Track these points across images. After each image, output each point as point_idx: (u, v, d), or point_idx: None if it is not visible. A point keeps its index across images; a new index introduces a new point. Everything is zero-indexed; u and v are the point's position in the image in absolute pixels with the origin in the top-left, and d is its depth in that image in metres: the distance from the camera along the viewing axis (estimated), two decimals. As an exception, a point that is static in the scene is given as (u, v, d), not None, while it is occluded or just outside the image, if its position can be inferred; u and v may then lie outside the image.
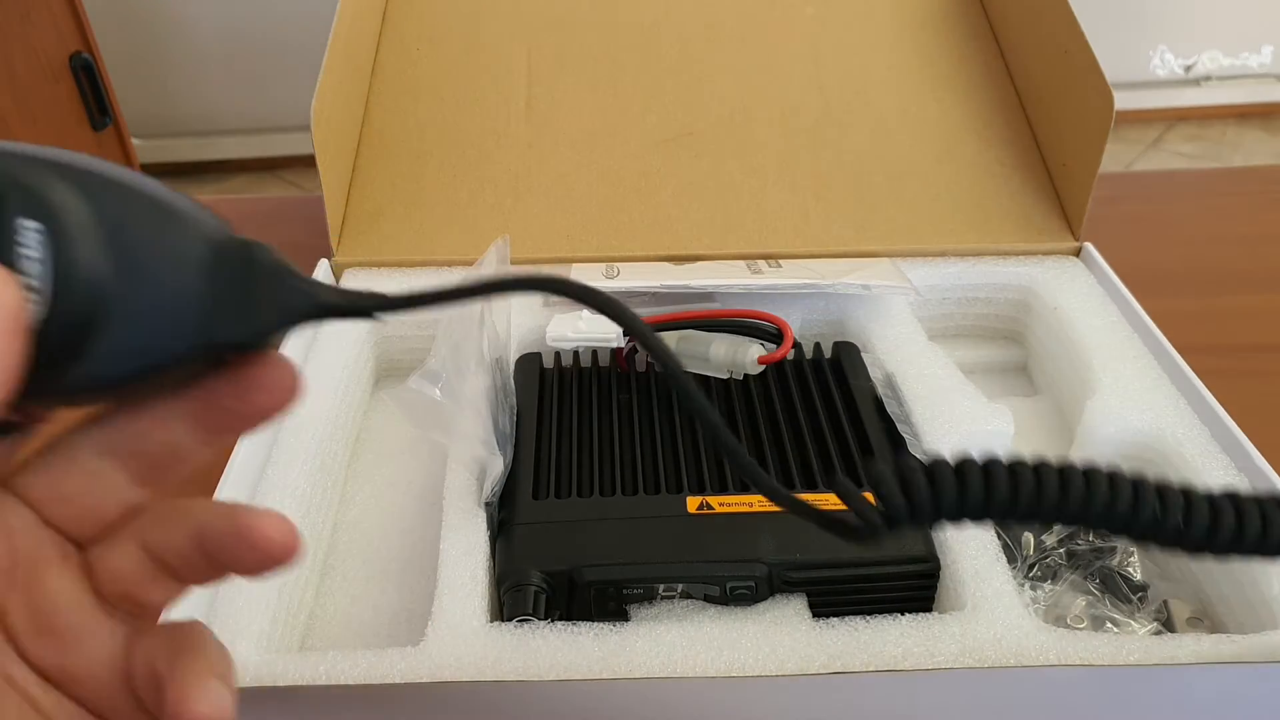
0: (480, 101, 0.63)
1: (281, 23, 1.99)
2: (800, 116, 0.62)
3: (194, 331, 0.21)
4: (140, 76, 2.02)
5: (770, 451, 0.42)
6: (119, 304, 0.19)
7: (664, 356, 0.22)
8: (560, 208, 0.58)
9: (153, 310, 0.20)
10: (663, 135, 0.61)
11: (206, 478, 0.40)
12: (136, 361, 0.20)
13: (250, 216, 0.69)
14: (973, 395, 0.45)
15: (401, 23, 0.67)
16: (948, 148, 0.60)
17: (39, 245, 0.19)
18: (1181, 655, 0.34)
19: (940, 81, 0.64)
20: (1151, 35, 2.16)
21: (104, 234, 0.19)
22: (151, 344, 0.20)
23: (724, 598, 0.37)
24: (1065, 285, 0.53)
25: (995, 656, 0.34)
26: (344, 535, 0.44)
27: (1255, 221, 0.66)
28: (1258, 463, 0.41)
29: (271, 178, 2.17)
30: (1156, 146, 2.21)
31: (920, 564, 0.37)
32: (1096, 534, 0.42)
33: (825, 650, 0.35)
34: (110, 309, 0.19)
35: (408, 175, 0.59)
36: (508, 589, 0.36)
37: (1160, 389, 0.46)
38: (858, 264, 0.53)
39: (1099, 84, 0.52)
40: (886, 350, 0.48)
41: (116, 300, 0.19)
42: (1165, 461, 0.43)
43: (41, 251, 0.19)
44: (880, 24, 0.67)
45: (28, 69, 1.52)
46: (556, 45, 0.66)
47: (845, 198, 0.58)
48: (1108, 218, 0.56)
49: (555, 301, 0.51)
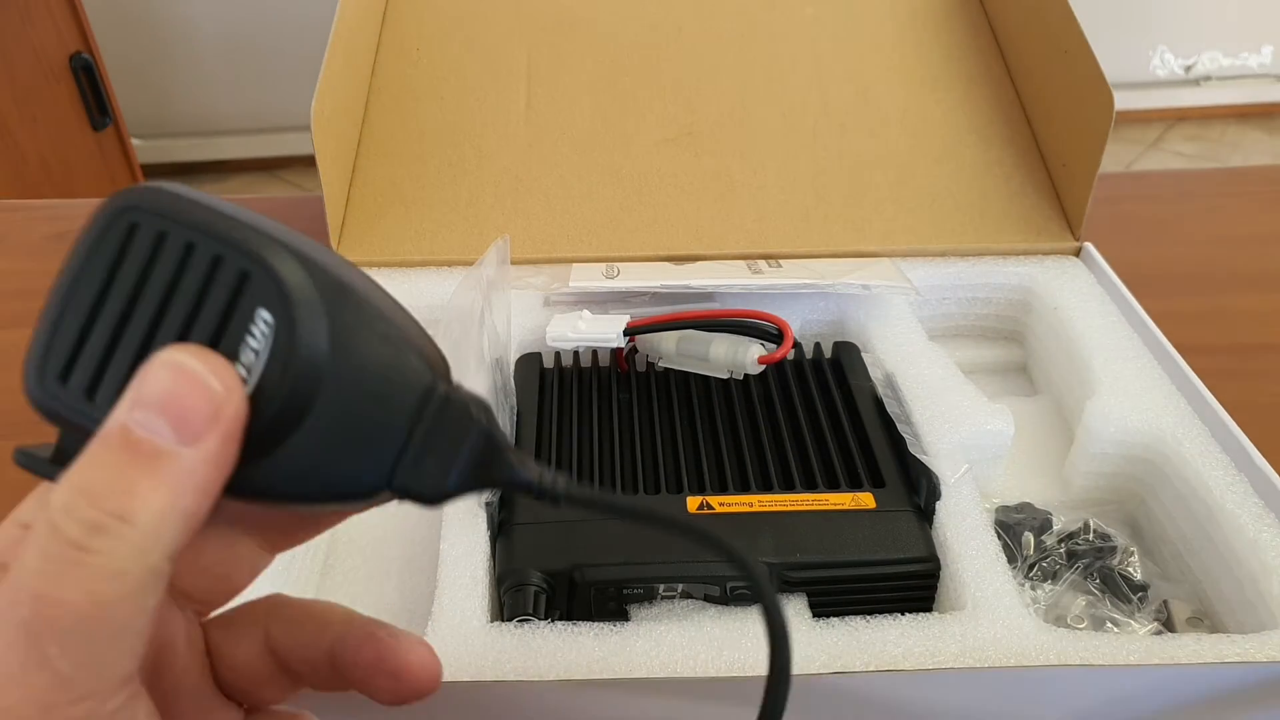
0: (480, 102, 0.63)
1: (281, 23, 1.99)
2: (800, 116, 0.62)
3: (382, 470, 0.19)
4: (140, 76, 2.02)
5: (770, 451, 0.42)
6: (316, 424, 0.18)
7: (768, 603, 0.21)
8: (560, 208, 0.58)
9: (348, 439, 0.19)
10: (663, 135, 0.61)
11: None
12: (309, 483, 0.19)
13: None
14: (973, 395, 0.45)
15: (401, 23, 0.67)
16: (948, 148, 0.60)
17: (264, 340, 0.18)
18: (1181, 655, 0.34)
19: (940, 81, 0.64)
20: (1151, 35, 2.16)
21: (328, 349, 0.18)
22: (333, 471, 0.19)
23: (724, 598, 0.37)
24: (1065, 285, 0.53)
25: (995, 656, 0.34)
26: (344, 535, 0.44)
27: (1255, 221, 0.66)
28: (1258, 463, 0.41)
29: (271, 178, 2.17)
30: (1156, 146, 2.21)
31: (920, 564, 0.37)
32: (1097, 534, 0.42)
33: (825, 650, 0.35)
34: (304, 426, 0.18)
35: (408, 175, 0.59)
36: (508, 589, 0.36)
37: (1160, 389, 0.46)
38: (858, 264, 0.53)
39: (1099, 84, 0.52)
40: (886, 350, 0.48)
41: (315, 420, 0.18)
42: (1165, 461, 0.43)
43: (264, 347, 0.18)
44: (880, 24, 0.67)
45: (28, 69, 1.52)
46: (556, 45, 0.66)
47: (845, 198, 0.58)
48: (1108, 218, 0.56)
49: (555, 301, 0.51)
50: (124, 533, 0.17)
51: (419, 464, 0.19)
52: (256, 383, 0.18)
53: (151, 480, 0.17)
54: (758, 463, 0.42)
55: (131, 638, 0.17)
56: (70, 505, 0.17)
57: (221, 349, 0.18)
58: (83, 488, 0.17)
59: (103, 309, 0.18)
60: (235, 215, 0.19)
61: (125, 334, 0.18)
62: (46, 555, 0.17)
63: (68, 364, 0.19)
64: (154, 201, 0.18)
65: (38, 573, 0.17)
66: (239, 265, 0.18)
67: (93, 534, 0.16)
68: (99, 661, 0.17)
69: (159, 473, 0.17)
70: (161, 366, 0.17)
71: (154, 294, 0.18)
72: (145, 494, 0.17)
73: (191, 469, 0.17)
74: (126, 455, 0.17)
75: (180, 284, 0.18)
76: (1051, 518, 0.43)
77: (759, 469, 0.42)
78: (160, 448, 0.17)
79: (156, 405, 0.17)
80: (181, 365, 0.17)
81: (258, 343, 0.18)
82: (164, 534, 0.17)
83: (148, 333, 0.18)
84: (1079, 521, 0.43)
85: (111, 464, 0.17)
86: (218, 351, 0.18)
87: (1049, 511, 0.43)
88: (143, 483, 0.17)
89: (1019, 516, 0.43)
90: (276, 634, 0.22)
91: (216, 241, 0.18)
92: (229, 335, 0.18)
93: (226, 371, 0.18)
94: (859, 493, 0.40)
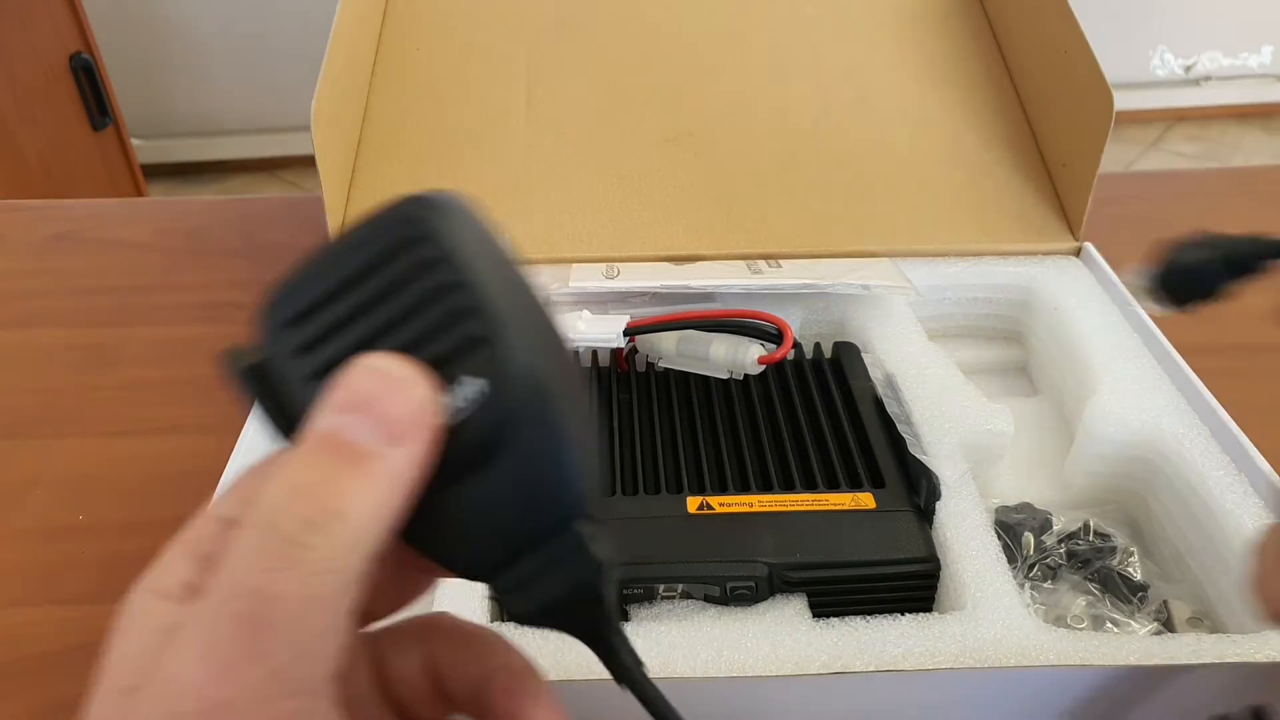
0: (480, 102, 0.63)
1: (281, 23, 1.99)
2: (800, 116, 0.62)
3: (490, 565, 0.20)
4: (140, 76, 2.03)
5: (770, 452, 0.42)
6: (465, 491, 0.19)
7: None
8: (560, 208, 0.58)
9: (474, 524, 0.19)
10: (663, 135, 0.61)
11: (208, 473, 0.40)
12: (435, 538, 0.20)
13: (250, 216, 0.69)
14: (973, 395, 0.45)
15: (401, 23, 0.67)
16: (948, 148, 0.60)
17: (466, 403, 0.18)
18: (1181, 655, 0.34)
19: (940, 81, 0.64)
20: (1151, 35, 2.16)
21: (511, 442, 0.19)
22: (455, 547, 0.20)
23: (724, 598, 0.37)
24: (1065, 285, 0.53)
25: (995, 656, 0.34)
26: (344, 535, 0.44)
27: (1255, 221, 0.66)
28: (1258, 463, 0.41)
29: (271, 178, 2.17)
30: (1156, 146, 2.21)
31: (920, 564, 0.37)
32: (1097, 534, 0.42)
33: (825, 650, 0.35)
34: (453, 490, 0.19)
35: (408, 175, 0.59)
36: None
37: (1160, 389, 0.46)
38: (858, 264, 0.53)
39: (1099, 84, 0.52)
40: (886, 350, 0.48)
41: (466, 488, 0.19)
42: (1165, 461, 0.43)
43: (464, 407, 0.18)
44: (880, 24, 0.67)
45: (28, 69, 1.52)
46: (556, 45, 0.66)
47: (845, 198, 0.58)
48: (1108, 218, 0.56)
49: (555, 301, 0.51)
50: (338, 529, 0.17)
51: (525, 581, 0.20)
52: (447, 427, 0.19)
53: (361, 480, 0.18)
54: (758, 463, 0.42)
55: (337, 636, 0.18)
56: (286, 503, 0.17)
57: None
58: (297, 487, 0.18)
59: (351, 291, 0.19)
60: (507, 277, 0.20)
61: (356, 323, 0.19)
62: (264, 550, 0.17)
63: (298, 316, 0.19)
64: (445, 227, 0.19)
65: (255, 568, 0.17)
66: (481, 330, 0.19)
67: (308, 530, 0.17)
68: (309, 657, 0.17)
69: (368, 472, 0.18)
70: (370, 370, 0.18)
71: (397, 307, 0.19)
72: (356, 492, 0.17)
73: (397, 469, 0.18)
74: (338, 456, 0.18)
75: (422, 312, 0.19)
76: (1051, 518, 0.43)
77: (759, 469, 0.42)
78: (369, 448, 0.18)
79: (363, 407, 0.18)
80: (389, 371, 0.18)
81: (458, 401, 0.18)
82: (373, 531, 0.18)
83: (374, 334, 0.19)
84: (1079, 521, 0.43)
85: (325, 464, 0.18)
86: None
87: (1049, 511, 0.43)
88: (353, 482, 0.17)
89: (1019, 516, 0.43)
90: (436, 653, 0.23)
91: (474, 298, 0.19)
92: (441, 368, 0.19)
93: (425, 381, 0.18)
94: (859, 493, 0.40)
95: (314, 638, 0.17)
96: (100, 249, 0.67)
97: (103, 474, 0.49)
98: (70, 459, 0.50)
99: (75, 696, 0.40)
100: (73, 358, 0.57)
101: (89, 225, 0.69)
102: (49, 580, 0.44)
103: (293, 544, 0.17)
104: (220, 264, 0.64)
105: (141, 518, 0.47)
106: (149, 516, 0.47)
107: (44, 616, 0.42)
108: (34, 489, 0.49)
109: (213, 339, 0.58)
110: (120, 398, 0.54)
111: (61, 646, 0.41)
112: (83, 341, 0.58)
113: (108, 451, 0.51)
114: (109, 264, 0.65)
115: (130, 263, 0.65)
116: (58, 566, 0.45)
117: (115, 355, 0.57)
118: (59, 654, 0.41)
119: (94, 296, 0.62)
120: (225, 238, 0.67)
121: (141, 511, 0.47)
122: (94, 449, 0.51)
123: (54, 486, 0.49)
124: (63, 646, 0.41)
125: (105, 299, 0.62)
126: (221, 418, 0.45)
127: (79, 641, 0.41)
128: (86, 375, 0.56)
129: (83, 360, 0.57)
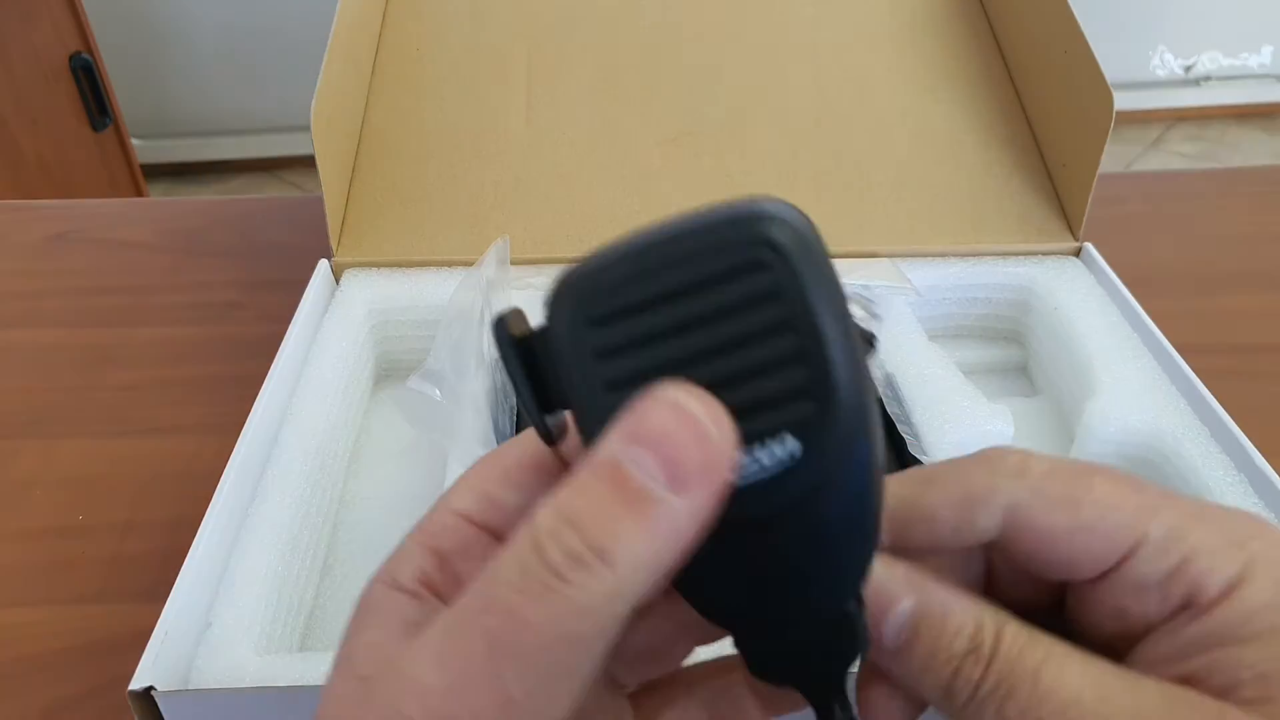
0: (480, 102, 0.63)
1: (281, 23, 1.99)
2: (800, 116, 0.62)
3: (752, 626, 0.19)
4: (140, 76, 2.03)
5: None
6: (730, 553, 0.18)
7: None
8: (560, 208, 0.58)
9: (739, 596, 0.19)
10: (663, 135, 0.61)
11: (208, 473, 0.40)
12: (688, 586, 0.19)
13: (250, 216, 0.69)
14: (973, 395, 0.45)
15: (401, 23, 0.67)
16: (948, 148, 0.60)
17: (773, 463, 0.17)
18: (1181, 655, 0.34)
19: (940, 81, 0.64)
20: (1151, 35, 2.16)
21: (807, 518, 0.17)
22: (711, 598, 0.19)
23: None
24: (1065, 285, 0.53)
25: (995, 656, 0.34)
26: (344, 535, 0.44)
27: (1255, 221, 0.66)
28: (1258, 463, 0.41)
29: (271, 178, 2.17)
30: (1156, 146, 2.21)
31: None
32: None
33: (825, 650, 0.34)
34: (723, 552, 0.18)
35: (408, 175, 0.59)
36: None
37: (1160, 389, 0.46)
38: (858, 264, 0.53)
39: (1099, 84, 0.52)
40: (886, 350, 0.48)
41: (737, 551, 0.18)
42: (1165, 461, 0.43)
43: (768, 467, 0.17)
44: (880, 24, 0.67)
45: (28, 69, 1.52)
46: (556, 45, 0.66)
47: (845, 198, 0.58)
48: (1108, 218, 0.56)
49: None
50: (601, 572, 0.16)
51: (781, 649, 0.19)
52: (739, 485, 0.17)
53: (637, 524, 0.16)
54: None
55: (578, 680, 0.17)
56: (556, 530, 0.16)
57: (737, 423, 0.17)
58: (570, 515, 0.16)
59: (673, 303, 0.17)
60: (848, 329, 0.17)
61: (670, 340, 0.17)
62: (525, 571, 0.16)
63: (607, 317, 0.17)
64: (797, 257, 0.17)
65: (514, 587, 0.16)
66: (807, 378, 0.17)
67: (572, 565, 0.16)
68: (546, 694, 0.16)
69: (645, 517, 0.16)
70: (666, 404, 0.16)
71: (724, 333, 0.17)
72: (628, 536, 0.16)
73: (676, 520, 0.16)
74: (617, 492, 0.16)
75: (750, 344, 0.17)
76: (1051, 518, 0.43)
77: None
78: (650, 491, 0.16)
79: (653, 444, 0.16)
80: (685, 408, 0.16)
81: (767, 457, 0.17)
82: (637, 581, 0.16)
83: (688, 358, 0.17)
84: (1079, 521, 0.43)
85: (601, 497, 0.16)
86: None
87: (1049, 511, 0.43)
88: (627, 524, 0.16)
89: (1019, 516, 0.43)
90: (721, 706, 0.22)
91: (814, 339, 0.17)
92: (750, 417, 0.17)
93: (728, 430, 0.17)
94: (859, 493, 0.39)
95: (554, 676, 0.16)
96: (100, 249, 0.67)
97: (103, 474, 0.49)
98: (70, 459, 0.50)
99: (75, 696, 0.40)
100: (73, 358, 0.57)
101: (89, 225, 0.69)
102: (49, 580, 0.44)
103: (555, 574, 0.16)
104: (220, 264, 0.64)
105: (141, 518, 0.47)
106: (149, 516, 0.47)
107: (44, 616, 0.42)
108: (34, 489, 0.49)
109: (213, 339, 0.58)
110: (120, 398, 0.54)
111: (61, 646, 0.41)
112: (83, 341, 0.58)
113: (108, 451, 0.51)
114: (109, 264, 0.65)
115: (130, 263, 0.65)
116: (58, 566, 0.45)
117: (115, 355, 0.57)
118: (59, 654, 0.41)
119: (94, 296, 0.62)
120: (225, 238, 0.67)
121: (141, 511, 0.47)
122: (94, 449, 0.51)
123: (54, 486, 0.49)
124: (63, 646, 0.41)
125: (105, 299, 0.62)
126: (221, 418, 0.45)
127: (79, 641, 0.41)
128: (86, 375, 0.56)
129: (83, 360, 0.57)
